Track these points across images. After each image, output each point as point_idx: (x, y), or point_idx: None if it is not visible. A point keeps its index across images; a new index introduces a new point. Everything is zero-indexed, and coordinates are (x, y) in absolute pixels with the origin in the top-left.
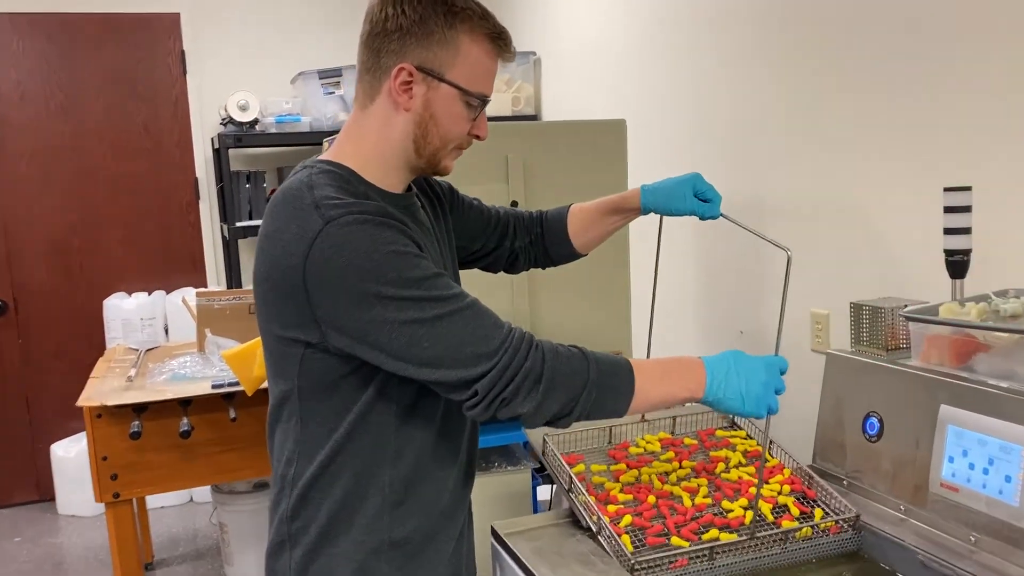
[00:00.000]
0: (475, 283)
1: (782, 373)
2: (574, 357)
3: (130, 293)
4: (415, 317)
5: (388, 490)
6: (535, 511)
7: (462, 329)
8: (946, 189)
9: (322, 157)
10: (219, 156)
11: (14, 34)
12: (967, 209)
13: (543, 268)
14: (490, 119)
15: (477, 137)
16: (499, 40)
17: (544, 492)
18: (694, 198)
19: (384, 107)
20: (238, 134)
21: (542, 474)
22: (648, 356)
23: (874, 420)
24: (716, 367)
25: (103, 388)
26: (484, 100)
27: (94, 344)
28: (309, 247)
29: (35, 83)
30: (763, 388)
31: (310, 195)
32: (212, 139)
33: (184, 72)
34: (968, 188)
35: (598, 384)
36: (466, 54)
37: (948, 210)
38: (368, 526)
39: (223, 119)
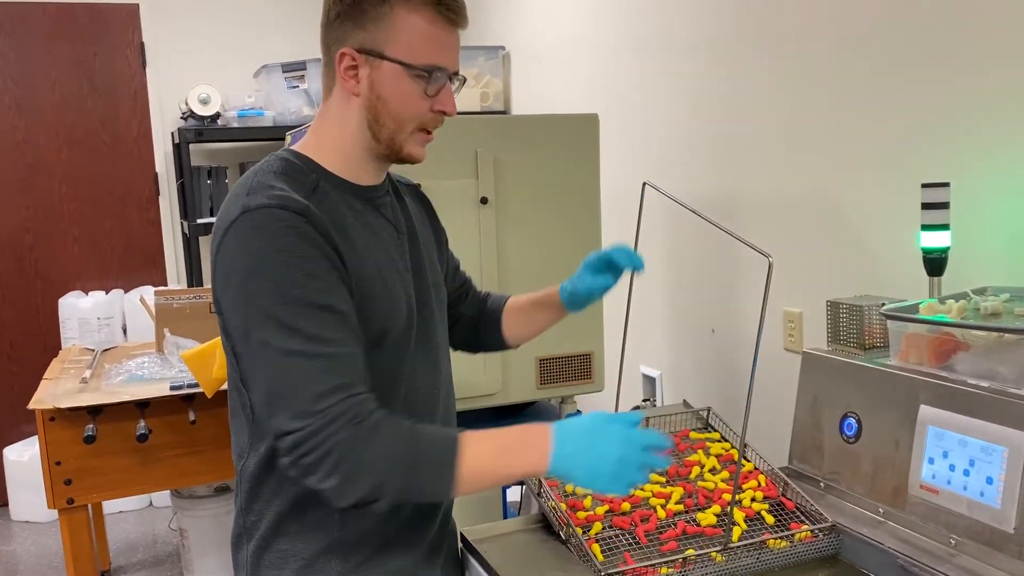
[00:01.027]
0: None
1: (651, 448)
2: (390, 440)
3: (87, 292)
4: (268, 339)
5: None
6: (505, 513)
7: (305, 374)
8: (924, 185)
9: (289, 147)
10: (179, 151)
11: None
12: (945, 206)
13: (471, 352)
14: (458, 114)
15: (443, 113)
16: (439, 5)
17: (514, 493)
18: (599, 274)
19: (340, 97)
20: (199, 128)
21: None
22: (622, 357)
23: (852, 421)
24: (563, 440)
25: (56, 390)
26: (437, 71)
27: (49, 345)
28: (224, 234)
29: None
30: (616, 466)
31: (253, 180)
32: (172, 133)
33: (143, 64)
34: (946, 184)
35: (408, 474)
36: (403, 26)
37: (926, 207)
38: (318, 524)
39: (184, 113)
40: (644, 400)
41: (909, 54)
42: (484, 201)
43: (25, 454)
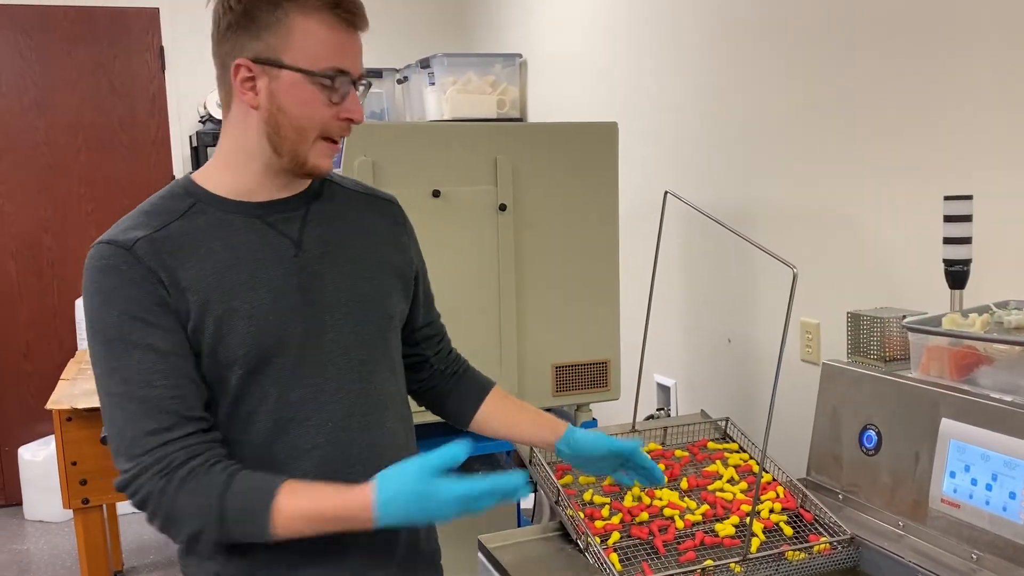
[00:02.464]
0: (462, 279)
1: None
2: (196, 493)
3: None
4: (99, 378)
5: None
6: (519, 520)
7: (123, 417)
8: (946, 198)
9: (189, 172)
10: (197, 154)
11: None
12: (968, 218)
13: (430, 408)
14: (474, 121)
15: (350, 120)
16: (336, 8)
17: (527, 500)
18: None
19: (238, 111)
20: (217, 132)
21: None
22: (641, 367)
23: (872, 433)
24: (388, 511)
25: (73, 391)
26: (340, 76)
27: (65, 345)
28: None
29: (8, 76)
30: (454, 514)
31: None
32: (190, 137)
33: (163, 68)
34: (969, 197)
35: (223, 525)
36: (301, 32)
37: (948, 219)
38: (203, 554)
39: (202, 117)
40: (658, 409)
41: (931, 64)
42: (502, 208)
43: (40, 454)
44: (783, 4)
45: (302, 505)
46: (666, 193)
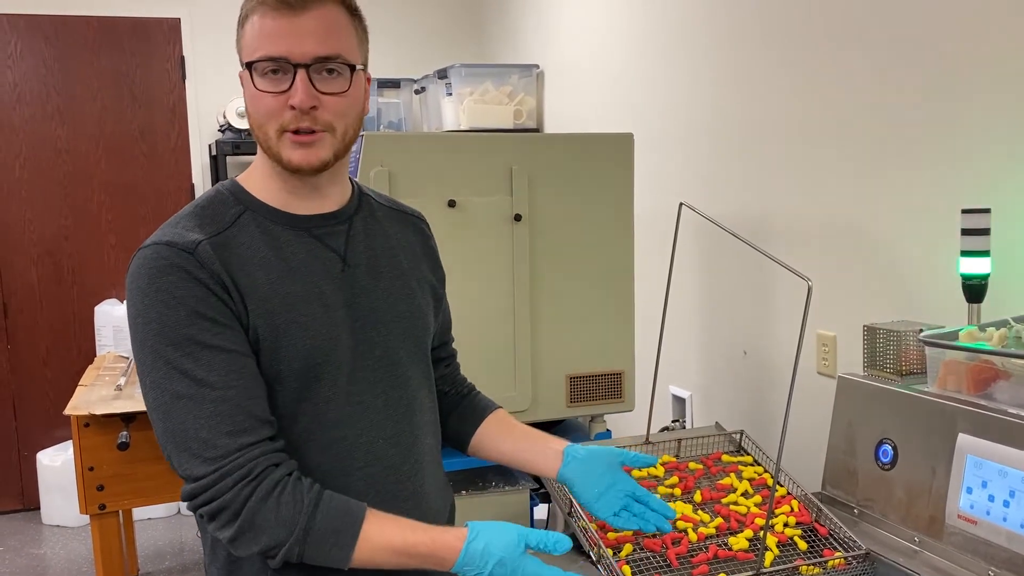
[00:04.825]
0: (477, 289)
1: None
2: (286, 506)
3: (122, 300)
4: (159, 381)
5: None
6: None
7: (195, 420)
8: (964, 211)
9: (235, 177)
10: (216, 163)
11: (12, 35)
12: (986, 232)
13: None
14: (490, 131)
15: (291, 107)
16: None
17: (541, 512)
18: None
19: None
20: (236, 141)
21: (539, 493)
22: (655, 378)
23: (888, 447)
24: (471, 561)
25: (91, 397)
26: (259, 63)
27: (84, 351)
28: (127, 273)
29: (32, 85)
30: None
31: (174, 215)
32: (210, 146)
33: (183, 78)
34: (987, 210)
35: (306, 542)
36: (247, 29)
37: (966, 232)
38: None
39: (221, 126)
40: (673, 421)
41: (949, 76)
42: (518, 218)
43: (58, 459)
44: (800, 16)
45: (391, 536)
46: (681, 204)
